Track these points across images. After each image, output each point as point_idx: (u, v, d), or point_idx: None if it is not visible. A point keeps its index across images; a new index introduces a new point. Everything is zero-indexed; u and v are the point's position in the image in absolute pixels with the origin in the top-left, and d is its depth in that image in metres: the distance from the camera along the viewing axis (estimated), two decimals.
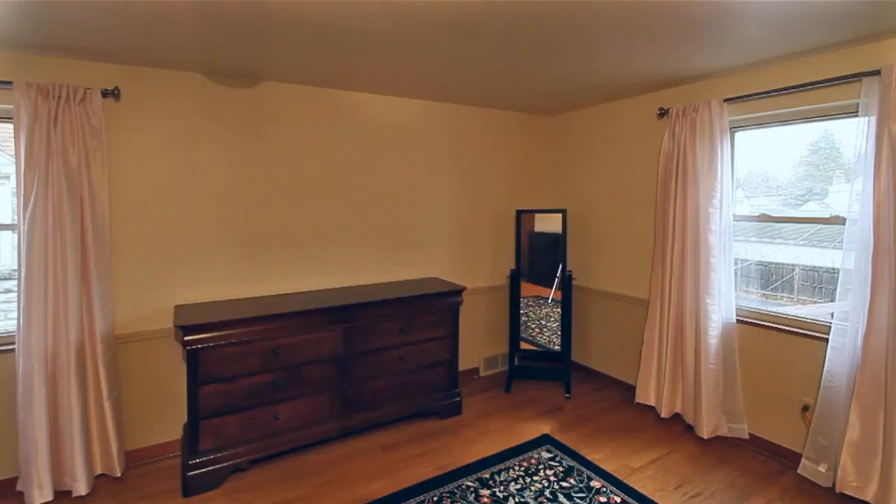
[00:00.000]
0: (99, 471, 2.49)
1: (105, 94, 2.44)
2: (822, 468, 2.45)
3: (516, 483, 2.43)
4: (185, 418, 2.73)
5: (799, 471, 2.54)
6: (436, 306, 3.12)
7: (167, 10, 1.88)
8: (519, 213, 3.84)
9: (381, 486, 2.43)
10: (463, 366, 3.75)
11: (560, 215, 3.70)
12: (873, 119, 2.24)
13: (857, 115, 2.33)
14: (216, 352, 2.41)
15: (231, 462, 2.46)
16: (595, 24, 2.10)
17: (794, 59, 2.57)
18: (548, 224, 3.85)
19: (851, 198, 2.35)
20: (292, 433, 2.64)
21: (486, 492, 2.35)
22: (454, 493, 2.34)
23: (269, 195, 3.00)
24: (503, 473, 2.52)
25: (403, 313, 2.98)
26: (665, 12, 1.96)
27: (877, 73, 2.22)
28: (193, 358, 2.37)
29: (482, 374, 3.96)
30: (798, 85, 2.54)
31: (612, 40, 2.30)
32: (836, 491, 2.34)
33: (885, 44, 2.25)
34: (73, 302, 2.33)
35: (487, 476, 2.49)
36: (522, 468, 2.57)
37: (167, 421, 2.76)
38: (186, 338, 2.33)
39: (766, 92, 2.68)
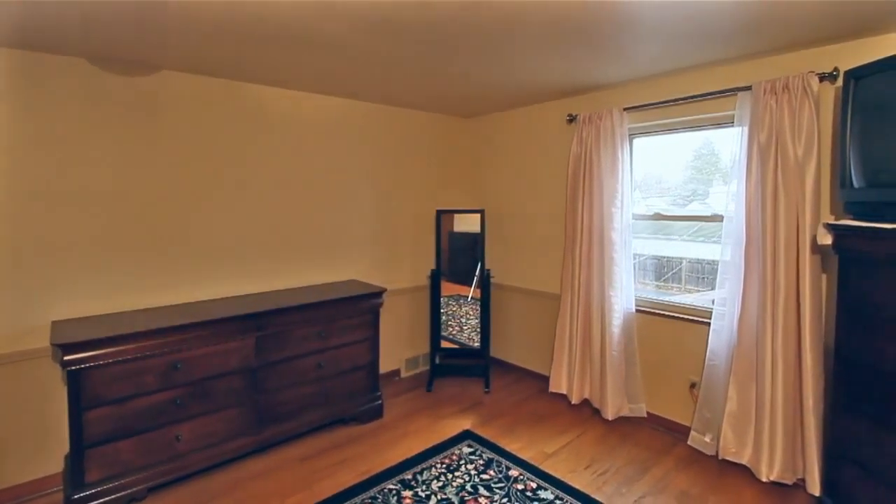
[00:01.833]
0: None
1: None
2: (707, 438, 2.75)
3: (438, 480, 2.46)
4: (67, 448, 2.42)
5: (689, 442, 2.83)
6: (355, 309, 3.05)
7: None
8: (439, 213, 3.88)
9: (297, 499, 2.33)
10: (384, 368, 3.72)
11: (478, 215, 3.79)
12: (745, 129, 2.55)
13: (732, 125, 2.64)
14: (103, 371, 2.16)
15: (125, 492, 2.23)
16: (512, 34, 2.18)
17: (682, 73, 2.86)
18: (467, 224, 3.93)
19: (728, 198, 2.65)
20: (198, 453, 2.44)
21: (408, 493, 2.35)
22: (376, 499, 2.31)
23: (169, 196, 2.75)
24: (425, 472, 2.53)
25: (321, 318, 2.89)
26: (574, 27, 2.08)
27: (748, 88, 2.53)
28: (75, 380, 2.10)
29: (403, 375, 3.95)
30: (685, 97, 2.83)
31: (527, 50, 2.41)
32: (719, 458, 2.64)
33: (756, 62, 2.57)
34: None
35: (409, 477, 2.49)
36: (444, 465, 2.60)
37: (46, 453, 2.43)
38: (66, 357, 2.06)
39: (659, 102, 2.95)
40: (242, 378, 2.59)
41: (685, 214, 3.22)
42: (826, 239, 2.04)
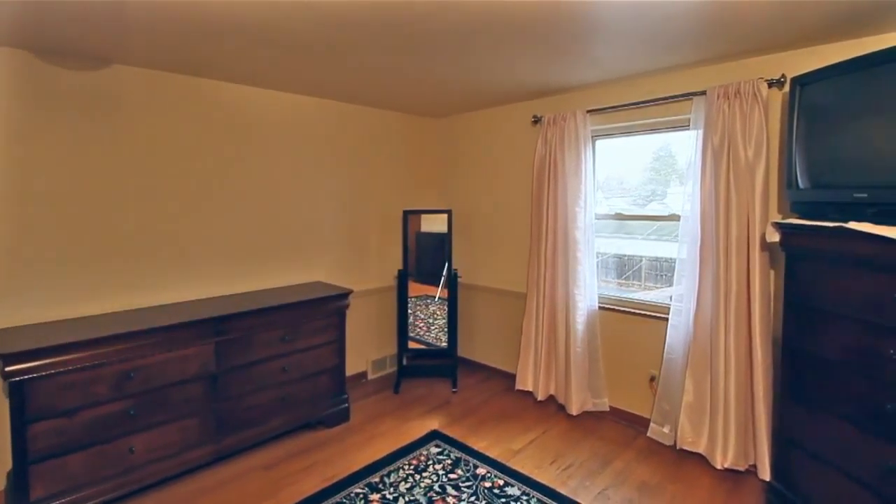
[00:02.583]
0: None
1: None
2: (665, 429, 2.85)
3: (406, 482, 2.45)
4: (10, 464, 2.27)
5: (649, 434, 2.93)
6: (321, 311, 3.00)
7: None
8: (406, 213, 3.85)
9: None
10: (351, 370, 3.67)
11: (446, 215, 3.80)
12: (700, 132, 2.65)
13: (688, 129, 2.74)
14: (49, 382, 2.04)
15: None
16: (478, 35, 2.19)
17: (642, 78, 2.94)
18: (434, 224, 3.93)
19: (684, 198, 2.76)
20: (154, 465, 2.34)
21: (375, 496, 2.33)
22: None
23: (126, 197, 2.62)
24: (393, 475, 2.51)
25: (286, 321, 2.82)
26: (538, 30, 2.11)
27: (703, 93, 2.64)
28: (18, 392, 1.97)
29: (371, 377, 3.91)
30: (645, 100, 2.92)
31: (493, 51, 2.42)
32: (677, 447, 2.75)
33: (711, 69, 2.68)
34: None
35: (377, 480, 2.47)
36: (412, 466, 2.60)
37: None
38: (8, 368, 1.93)
39: (621, 105, 3.04)
40: (202, 385, 2.50)
41: (645, 214, 3.33)
42: (774, 237, 2.15)
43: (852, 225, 1.75)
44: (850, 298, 1.81)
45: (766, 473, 2.42)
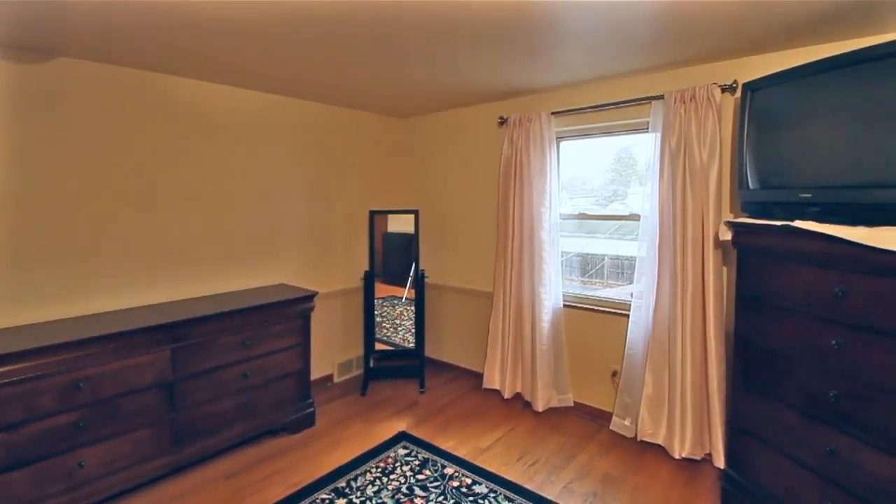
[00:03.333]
0: None
1: None
2: (627, 422, 2.94)
3: (373, 485, 2.42)
4: None
5: (611, 427, 3.01)
6: (285, 314, 2.92)
7: None
8: (372, 213, 3.81)
9: None
10: (316, 374, 3.60)
11: (413, 216, 3.78)
12: (659, 135, 2.74)
13: (647, 131, 2.83)
14: None
15: None
16: (445, 36, 2.19)
17: (605, 81, 3.02)
18: (401, 224, 3.90)
19: (644, 199, 2.85)
20: (107, 479, 2.22)
21: (342, 501, 2.29)
22: None
23: (71, 195, 2.47)
24: (360, 479, 2.48)
25: (247, 325, 2.73)
26: (503, 32, 2.13)
27: (661, 97, 2.73)
28: None
29: (337, 380, 3.85)
30: (607, 103, 3.00)
31: (459, 51, 2.42)
32: (638, 439, 2.83)
33: (669, 74, 2.77)
34: None
35: (343, 485, 2.43)
36: (379, 469, 2.57)
37: None
38: None
39: (584, 108, 3.10)
40: (157, 394, 2.39)
41: (607, 214, 3.42)
42: (727, 235, 2.25)
43: (798, 223, 1.84)
44: (796, 292, 1.92)
45: (720, 461, 2.53)
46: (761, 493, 2.08)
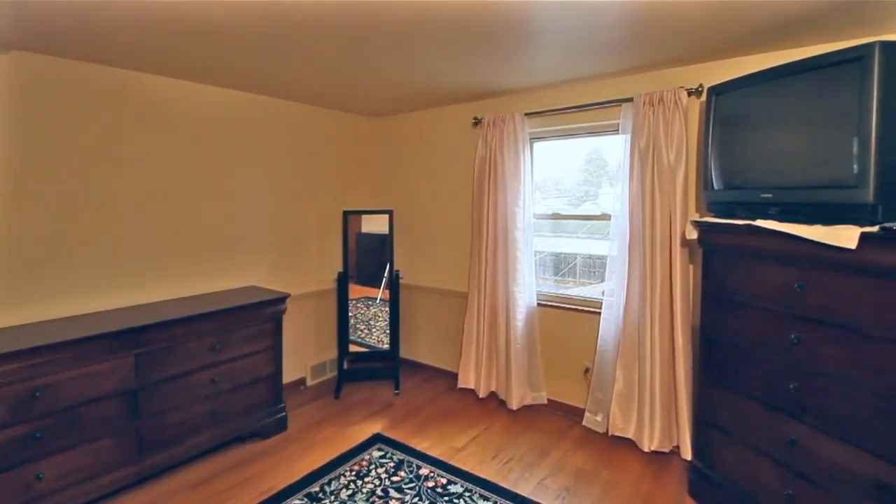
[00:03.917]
0: None
1: None
2: (599, 418, 3.00)
3: (347, 489, 2.39)
4: None
5: (584, 423, 3.07)
6: (255, 317, 2.85)
7: None
8: (346, 214, 3.76)
9: None
10: (288, 377, 3.53)
11: (387, 216, 3.75)
12: (628, 136, 2.80)
13: (618, 133, 2.88)
14: None
15: None
16: (417, 36, 2.17)
17: (577, 83, 3.07)
18: (375, 225, 3.87)
19: (614, 199, 2.90)
20: (66, 492, 2.11)
21: None
22: None
23: (26, 195, 2.34)
24: (333, 483, 2.45)
25: (215, 329, 2.65)
26: (476, 33, 2.13)
27: (631, 100, 2.79)
28: None
29: (310, 383, 3.79)
30: (578, 105, 3.04)
31: (433, 52, 2.42)
32: (609, 434, 2.89)
33: (638, 77, 2.84)
34: None
35: (317, 489, 2.39)
36: (353, 472, 2.54)
37: None
38: None
39: (556, 109, 3.14)
40: (120, 402, 2.30)
41: (579, 214, 3.48)
42: (693, 234, 2.32)
43: (759, 222, 1.92)
44: (758, 289, 1.99)
45: (687, 453, 2.61)
46: (726, 482, 2.15)
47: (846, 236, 1.59)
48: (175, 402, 2.50)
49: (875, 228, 1.55)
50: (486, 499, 2.32)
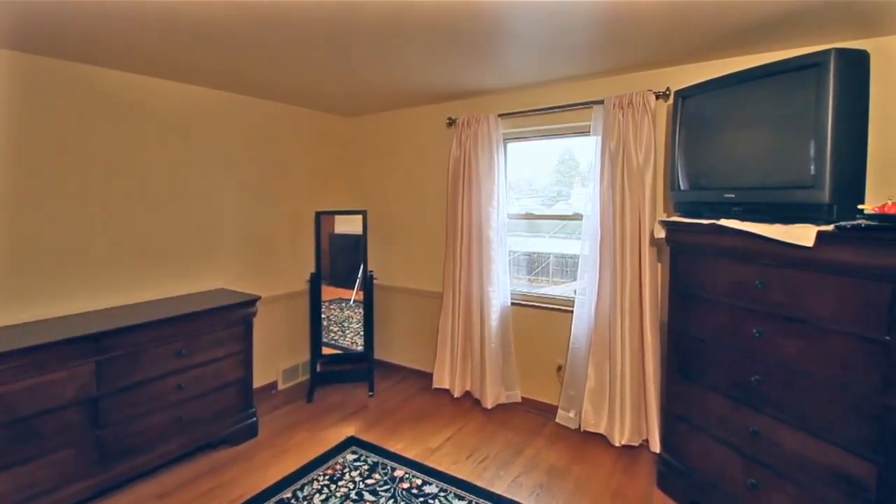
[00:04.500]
0: None
1: None
2: (571, 414, 3.04)
3: (321, 494, 2.35)
4: None
5: (557, 420, 3.11)
6: (223, 321, 2.77)
7: None
8: (318, 214, 3.69)
9: None
10: (259, 382, 3.44)
11: (360, 216, 3.71)
12: (599, 138, 2.85)
13: (589, 134, 2.93)
14: None
15: None
16: (392, 36, 2.16)
17: (549, 85, 3.10)
18: (349, 225, 3.82)
19: (586, 199, 2.95)
20: None
21: None
22: None
23: None
24: (307, 488, 2.40)
25: (181, 333, 2.57)
26: (450, 35, 2.14)
27: (601, 102, 2.84)
28: None
29: (281, 387, 3.71)
30: (551, 107, 3.08)
31: (408, 51, 2.41)
32: (581, 430, 2.94)
33: (609, 80, 2.89)
34: None
35: (289, 495, 2.34)
36: (327, 477, 2.50)
37: None
38: None
39: (530, 110, 3.17)
40: (80, 411, 2.19)
41: (552, 214, 3.52)
42: (661, 233, 2.38)
43: (723, 222, 1.98)
44: (723, 285, 2.06)
45: (656, 446, 2.68)
46: (694, 474, 2.22)
47: (803, 235, 1.66)
48: (139, 409, 2.40)
49: (830, 227, 1.62)
50: (461, 498, 2.32)
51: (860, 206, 1.65)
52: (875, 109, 1.88)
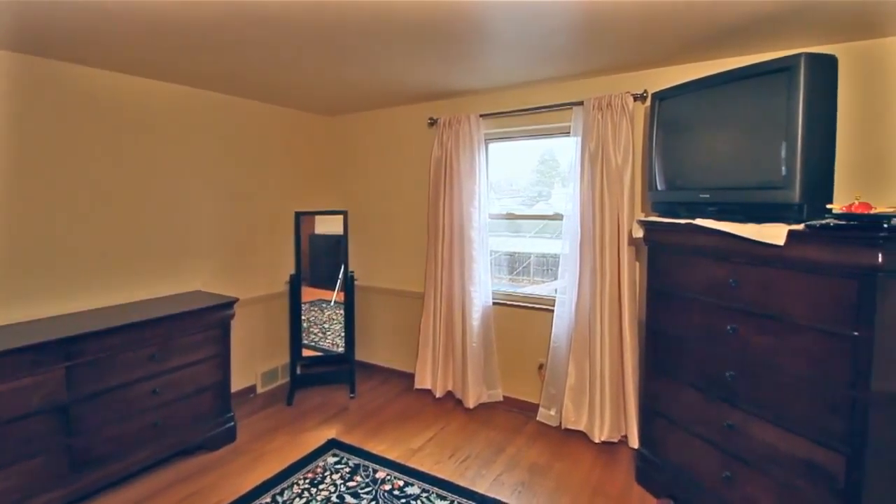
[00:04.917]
0: None
1: None
2: (552, 412, 3.07)
3: (301, 498, 2.31)
4: None
5: (538, 418, 3.13)
6: (200, 324, 2.71)
7: None
8: (298, 214, 3.65)
9: None
10: (237, 385, 3.38)
11: (341, 217, 3.67)
12: (579, 138, 2.88)
13: (569, 135, 2.96)
14: None
15: None
16: (373, 35, 2.14)
17: (530, 86, 3.12)
18: (329, 226, 3.78)
19: (566, 199, 2.98)
20: None
21: None
22: None
23: None
24: (286, 492, 2.36)
25: (156, 337, 2.50)
26: (431, 35, 2.13)
27: (581, 103, 2.87)
28: None
29: (260, 390, 3.64)
30: (532, 107, 3.10)
31: (389, 51, 2.39)
32: (562, 428, 2.97)
33: (589, 81, 2.92)
34: None
35: (269, 501, 2.30)
36: (308, 480, 2.47)
37: None
38: None
39: (511, 111, 3.18)
40: (49, 419, 2.11)
41: (533, 214, 3.55)
42: (639, 232, 2.41)
43: (698, 221, 2.03)
44: (698, 283, 2.11)
45: (635, 442, 2.72)
46: (671, 468, 2.26)
47: (775, 233, 1.71)
48: (112, 416, 2.33)
49: (801, 226, 1.68)
50: (443, 498, 2.32)
51: (829, 206, 1.71)
52: (843, 112, 1.94)
